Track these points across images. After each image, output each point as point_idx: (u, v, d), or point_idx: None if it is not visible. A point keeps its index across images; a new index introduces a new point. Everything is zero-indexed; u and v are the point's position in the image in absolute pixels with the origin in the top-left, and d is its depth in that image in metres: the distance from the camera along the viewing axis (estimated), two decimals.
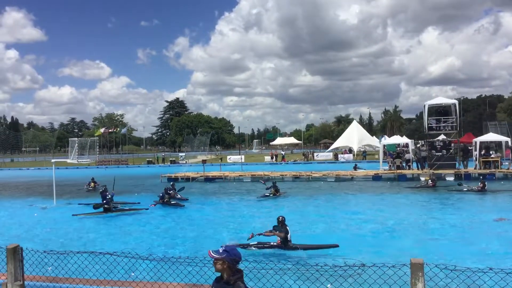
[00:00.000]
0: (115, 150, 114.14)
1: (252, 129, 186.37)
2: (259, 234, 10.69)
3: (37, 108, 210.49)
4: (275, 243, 10.64)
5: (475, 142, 31.83)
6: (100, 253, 5.91)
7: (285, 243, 10.47)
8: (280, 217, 10.78)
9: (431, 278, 5.08)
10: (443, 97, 37.44)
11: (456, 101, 32.24)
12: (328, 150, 64.92)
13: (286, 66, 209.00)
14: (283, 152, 66.75)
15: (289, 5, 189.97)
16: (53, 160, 23.56)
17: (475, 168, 30.44)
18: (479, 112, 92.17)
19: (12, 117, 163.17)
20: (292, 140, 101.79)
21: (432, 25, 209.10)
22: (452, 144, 32.27)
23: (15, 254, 6.09)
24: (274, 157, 59.69)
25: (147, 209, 18.62)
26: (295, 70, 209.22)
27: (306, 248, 10.54)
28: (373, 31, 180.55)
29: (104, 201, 18.10)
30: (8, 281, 6.09)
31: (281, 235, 10.38)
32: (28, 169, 57.54)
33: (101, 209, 18.23)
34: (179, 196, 21.84)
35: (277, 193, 22.11)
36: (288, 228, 10.52)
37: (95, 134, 76.03)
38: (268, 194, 21.89)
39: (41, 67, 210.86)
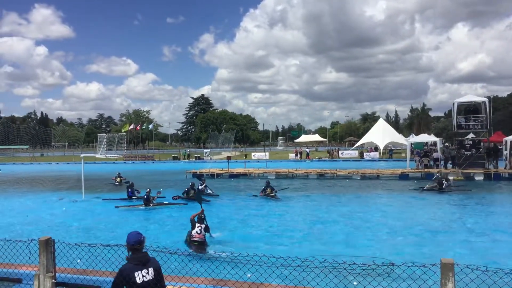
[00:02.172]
0: (142, 146, 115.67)
1: (277, 126, 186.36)
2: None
3: (66, 104, 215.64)
4: (195, 243, 10.87)
5: (506, 141, 31.05)
6: None
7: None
8: (202, 215, 11.39)
9: (461, 279, 4.99)
10: (473, 95, 36.63)
11: (486, 99, 31.44)
12: (353, 148, 64.26)
13: (311, 63, 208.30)
14: (307, 150, 66.44)
15: (314, 1, 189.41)
16: (82, 155, 24.06)
17: (505, 168, 29.73)
18: (510, 110, 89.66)
19: (42, 113, 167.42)
20: (317, 137, 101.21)
21: (461, 21, 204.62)
22: (482, 143, 31.56)
23: (47, 246, 6.22)
24: (299, 154, 59.49)
25: (186, 204, 18.84)
26: (320, 67, 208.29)
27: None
28: (400, 27, 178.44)
29: (145, 196, 18.65)
30: (41, 272, 6.23)
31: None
32: (57, 163, 58.74)
33: (141, 202, 18.87)
34: (209, 191, 22.19)
35: (272, 192, 20.79)
36: (196, 224, 11.03)
37: (123, 130, 77.21)
38: (273, 195, 20.62)
39: (70, 63, 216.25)
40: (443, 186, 22.05)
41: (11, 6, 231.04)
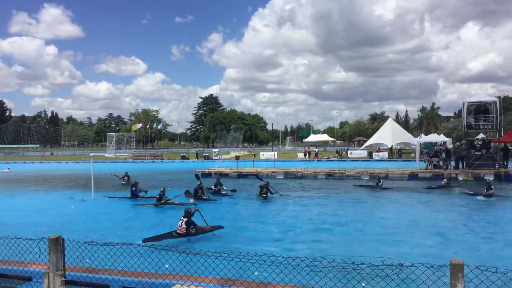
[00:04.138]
0: (151, 145, 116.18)
1: (285, 125, 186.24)
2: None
3: (76, 103, 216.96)
4: (174, 234, 11.95)
5: None
6: (139, 245, 6.04)
7: (187, 231, 11.96)
8: (187, 209, 12.45)
9: (471, 280, 4.96)
10: (483, 94, 36.29)
11: (497, 99, 31.13)
12: (361, 148, 64.01)
13: (319, 62, 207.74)
14: (316, 149, 66.31)
15: (323, 0, 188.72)
16: (91, 154, 24.16)
17: None
18: None
19: (52, 112, 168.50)
20: (325, 137, 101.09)
21: (472, 20, 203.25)
22: (492, 144, 31.29)
23: (57, 244, 6.28)
24: (307, 154, 59.39)
25: (195, 204, 18.89)
26: (329, 67, 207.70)
27: (199, 233, 12.30)
28: (409, 27, 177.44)
29: (158, 196, 18.93)
30: (50, 270, 6.29)
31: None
32: (67, 162, 59.08)
33: (154, 201, 19.15)
34: (225, 192, 22.46)
35: (266, 193, 20.33)
36: (181, 217, 12.18)
37: (132, 130, 77.52)
38: (265, 196, 20.25)
39: (79, 62, 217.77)
40: (379, 184, 23.74)
41: (20, 6, 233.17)
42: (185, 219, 11.93)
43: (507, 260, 9.26)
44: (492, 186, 20.34)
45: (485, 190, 19.87)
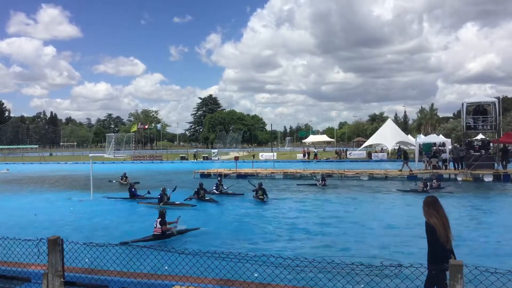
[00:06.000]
0: (150, 146, 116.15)
1: (284, 126, 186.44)
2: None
3: (74, 103, 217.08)
4: (151, 236, 12.26)
5: None
6: (138, 246, 6.03)
7: (163, 233, 12.30)
8: (161, 210, 12.99)
9: (470, 281, 4.96)
10: (482, 95, 36.32)
11: (495, 100, 31.15)
12: (360, 148, 64.02)
13: (318, 63, 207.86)
14: (315, 150, 66.30)
15: (321, 1, 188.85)
16: (90, 155, 24.16)
17: None
18: None
19: (52, 113, 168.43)
20: (324, 138, 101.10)
21: (470, 21, 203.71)
22: (491, 144, 31.32)
23: (56, 245, 6.26)
24: (307, 154, 59.37)
25: (195, 205, 18.89)
26: (327, 67, 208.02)
27: (179, 233, 12.78)
28: (408, 27, 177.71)
29: (159, 196, 18.91)
30: (49, 271, 6.27)
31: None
32: (66, 163, 59.01)
33: (156, 200, 19.21)
34: (230, 192, 22.53)
35: (262, 195, 20.02)
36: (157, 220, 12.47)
37: (131, 130, 77.55)
38: (262, 197, 20.03)
39: (77, 63, 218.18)
40: (325, 183, 25.98)
41: (18, 7, 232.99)
42: (159, 220, 12.33)
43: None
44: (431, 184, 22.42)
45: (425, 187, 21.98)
